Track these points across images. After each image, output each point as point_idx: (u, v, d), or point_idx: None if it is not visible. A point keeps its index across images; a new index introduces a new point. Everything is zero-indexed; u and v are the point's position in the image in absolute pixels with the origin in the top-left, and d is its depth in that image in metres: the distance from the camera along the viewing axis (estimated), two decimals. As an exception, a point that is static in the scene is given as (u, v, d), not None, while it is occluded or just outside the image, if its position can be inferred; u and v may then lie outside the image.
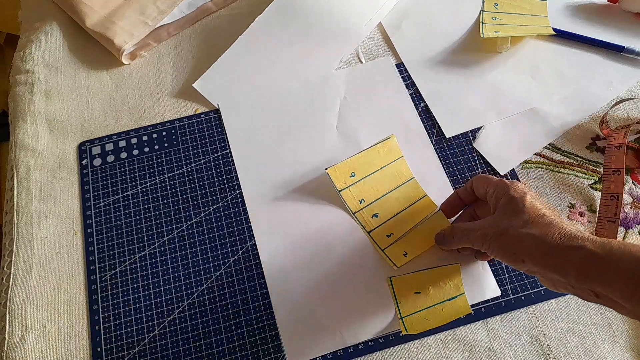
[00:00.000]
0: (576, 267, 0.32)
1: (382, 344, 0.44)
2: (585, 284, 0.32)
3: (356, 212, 0.48)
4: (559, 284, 0.35)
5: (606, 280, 0.31)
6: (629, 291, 0.30)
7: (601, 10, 0.60)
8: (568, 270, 0.33)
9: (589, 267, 0.32)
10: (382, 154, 0.50)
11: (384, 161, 0.50)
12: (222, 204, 0.50)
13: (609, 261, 0.31)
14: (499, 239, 0.37)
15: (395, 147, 0.51)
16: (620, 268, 0.31)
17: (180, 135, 0.54)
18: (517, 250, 0.36)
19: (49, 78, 0.57)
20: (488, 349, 0.44)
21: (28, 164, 0.52)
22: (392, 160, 0.50)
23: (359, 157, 0.50)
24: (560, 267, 0.33)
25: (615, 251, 0.31)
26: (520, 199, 0.37)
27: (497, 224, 0.38)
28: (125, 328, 0.45)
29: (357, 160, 0.50)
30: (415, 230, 0.47)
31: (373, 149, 0.50)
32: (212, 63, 0.57)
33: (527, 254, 0.35)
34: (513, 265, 0.37)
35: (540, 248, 0.34)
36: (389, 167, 0.50)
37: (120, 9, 0.58)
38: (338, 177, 0.49)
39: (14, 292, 0.46)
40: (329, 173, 0.48)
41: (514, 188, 0.39)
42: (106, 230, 0.49)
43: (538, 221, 0.36)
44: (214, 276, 0.47)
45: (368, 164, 0.50)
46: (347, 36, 0.59)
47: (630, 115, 0.54)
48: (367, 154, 0.50)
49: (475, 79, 0.56)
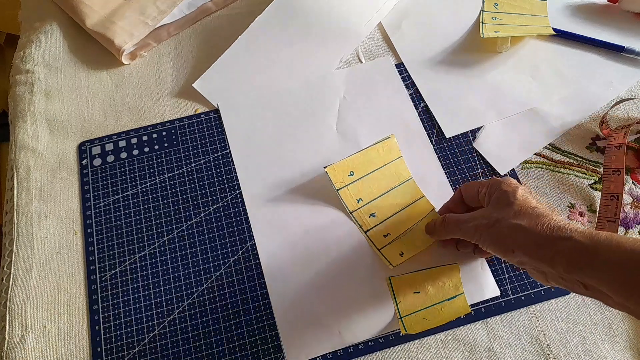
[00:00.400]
0: (565, 258, 0.33)
1: (382, 344, 0.44)
2: (573, 275, 0.33)
3: (354, 212, 0.48)
4: (550, 275, 0.35)
5: (593, 271, 0.32)
6: (614, 282, 0.31)
7: (601, 10, 0.60)
8: (557, 261, 0.33)
9: (576, 258, 0.32)
10: (382, 154, 0.50)
11: (383, 161, 0.50)
12: (222, 204, 0.50)
13: (596, 252, 0.31)
14: (490, 230, 0.37)
15: (394, 146, 0.51)
16: (606, 259, 0.31)
17: (180, 135, 0.54)
18: (508, 241, 0.36)
19: (49, 78, 0.57)
20: (488, 349, 0.44)
21: (28, 164, 0.52)
22: (391, 160, 0.50)
23: (358, 156, 0.50)
24: (549, 257, 0.34)
25: (602, 242, 0.32)
26: (512, 192, 0.38)
27: (489, 215, 0.38)
28: (125, 328, 0.45)
29: (356, 159, 0.50)
30: (412, 230, 0.47)
31: (372, 148, 0.50)
32: (212, 63, 0.57)
33: (517, 244, 0.35)
34: (504, 256, 0.37)
35: (530, 238, 0.35)
36: (388, 167, 0.50)
37: (120, 9, 0.58)
38: (336, 175, 0.49)
39: (14, 292, 0.46)
40: (328, 172, 0.49)
41: (506, 183, 0.39)
42: (106, 230, 0.49)
43: (528, 212, 0.36)
44: (214, 276, 0.47)
45: (367, 163, 0.50)
46: (347, 36, 0.59)
47: (630, 115, 0.54)
48: (367, 153, 0.50)
49: (475, 79, 0.56)
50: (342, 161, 0.49)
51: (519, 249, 0.35)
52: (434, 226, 0.45)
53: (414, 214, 0.48)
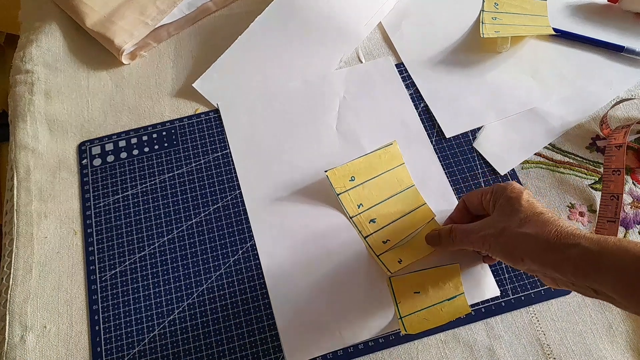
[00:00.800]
0: (573, 264, 0.33)
1: (382, 344, 0.44)
2: (582, 281, 0.33)
3: (354, 217, 0.48)
4: (560, 281, 0.35)
5: (600, 276, 0.31)
6: (622, 287, 0.31)
7: (601, 10, 0.60)
8: (565, 268, 0.33)
9: (584, 264, 0.32)
10: (384, 160, 0.50)
11: (385, 167, 0.50)
12: (222, 204, 0.50)
13: (603, 258, 0.31)
14: (498, 239, 0.37)
15: (397, 153, 0.51)
16: (614, 264, 0.31)
17: (180, 135, 0.54)
18: (516, 250, 0.36)
19: (49, 78, 0.57)
20: (488, 349, 0.44)
21: (28, 164, 0.52)
22: (393, 166, 0.50)
23: (360, 162, 0.50)
24: (557, 264, 0.33)
25: (610, 248, 0.31)
26: (516, 199, 0.38)
27: (495, 224, 0.38)
28: (125, 328, 0.45)
29: (358, 164, 0.49)
30: (412, 238, 0.47)
31: (374, 154, 0.50)
32: (212, 63, 0.57)
33: (525, 252, 0.35)
34: (513, 264, 0.37)
35: (538, 246, 0.35)
36: (390, 174, 0.50)
37: (120, 9, 0.58)
38: (337, 180, 0.49)
39: (14, 292, 0.46)
40: (329, 176, 0.48)
41: (510, 188, 0.39)
42: (106, 230, 0.49)
43: (535, 219, 0.36)
44: (214, 276, 0.47)
45: (368, 168, 0.50)
46: (347, 36, 0.59)
47: (630, 115, 0.54)
48: (368, 158, 0.50)
49: (475, 79, 0.56)
50: (343, 166, 0.49)
51: (527, 257, 0.35)
52: (439, 237, 0.44)
53: (415, 222, 0.48)
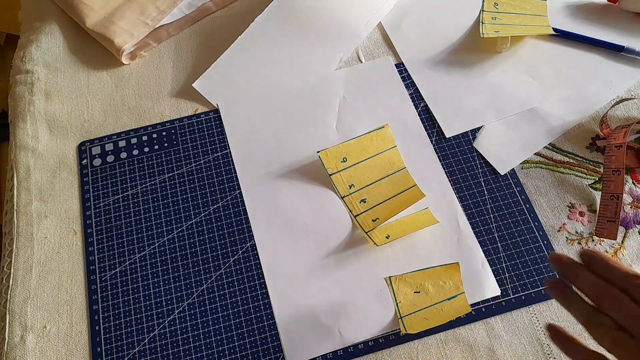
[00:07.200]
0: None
1: (382, 343, 0.44)
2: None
3: (345, 197, 0.49)
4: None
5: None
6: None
7: (601, 10, 0.60)
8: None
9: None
10: (375, 142, 0.51)
11: (376, 149, 0.51)
12: (222, 204, 0.50)
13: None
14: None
15: (389, 136, 0.51)
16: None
17: (180, 135, 0.54)
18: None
19: (49, 78, 0.57)
20: (488, 349, 0.44)
21: (28, 164, 0.52)
22: (385, 149, 0.51)
23: (352, 144, 0.50)
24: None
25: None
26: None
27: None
28: (125, 328, 0.45)
29: (350, 146, 0.50)
30: (402, 217, 0.48)
31: (366, 136, 0.51)
32: (212, 63, 0.57)
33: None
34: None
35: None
36: (381, 156, 0.51)
37: (120, 9, 0.58)
38: (329, 160, 0.49)
39: (14, 292, 0.46)
40: (321, 156, 0.49)
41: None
42: (106, 230, 0.49)
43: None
44: (214, 276, 0.47)
45: (360, 150, 0.50)
46: (347, 36, 0.59)
47: (630, 115, 0.54)
48: (360, 140, 0.51)
49: (475, 79, 0.56)
50: (335, 147, 0.50)
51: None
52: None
53: (405, 201, 0.48)
